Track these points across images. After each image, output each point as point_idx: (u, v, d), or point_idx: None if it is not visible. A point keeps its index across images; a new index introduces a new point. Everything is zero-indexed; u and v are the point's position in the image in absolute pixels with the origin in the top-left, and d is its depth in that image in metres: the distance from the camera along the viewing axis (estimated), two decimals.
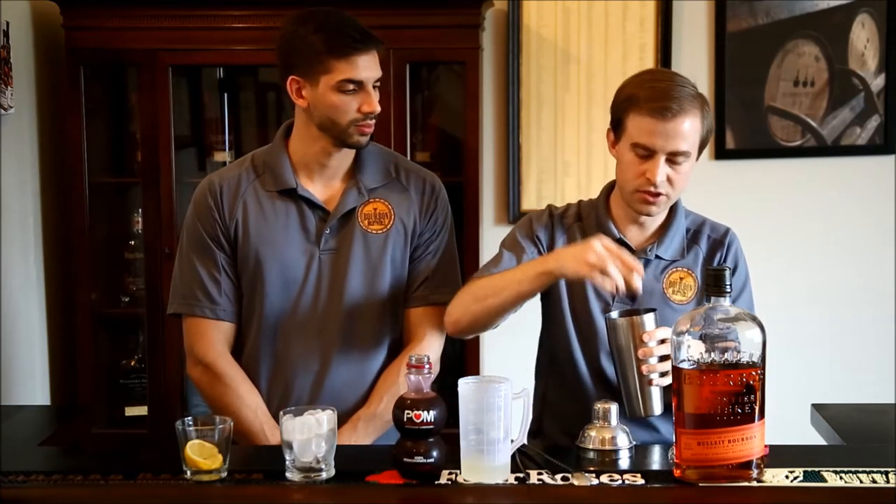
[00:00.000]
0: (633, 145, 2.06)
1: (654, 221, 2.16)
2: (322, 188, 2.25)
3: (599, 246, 1.93)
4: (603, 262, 1.90)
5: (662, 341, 1.95)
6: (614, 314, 2.01)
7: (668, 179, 2.05)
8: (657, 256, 2.15)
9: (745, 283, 2.19)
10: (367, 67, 2.13)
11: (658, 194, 2.06)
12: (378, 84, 2.18)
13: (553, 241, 2.20)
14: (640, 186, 2.07)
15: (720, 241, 2.19)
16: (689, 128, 2.03)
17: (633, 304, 2.07)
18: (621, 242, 2.14)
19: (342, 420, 2.18)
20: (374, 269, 2.24)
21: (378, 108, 2.16)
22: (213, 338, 2.24)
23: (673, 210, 2.18)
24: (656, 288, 2.14)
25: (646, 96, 2.04)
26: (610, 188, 2.21)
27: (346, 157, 2.25)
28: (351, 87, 2.13)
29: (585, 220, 2.20)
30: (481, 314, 2.09)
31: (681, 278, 2.15)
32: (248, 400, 2.21)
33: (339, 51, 2.11)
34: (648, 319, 1.97)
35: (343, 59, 2.11)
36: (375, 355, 2.26)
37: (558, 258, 1.99)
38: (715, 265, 2.16)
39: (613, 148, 2.13)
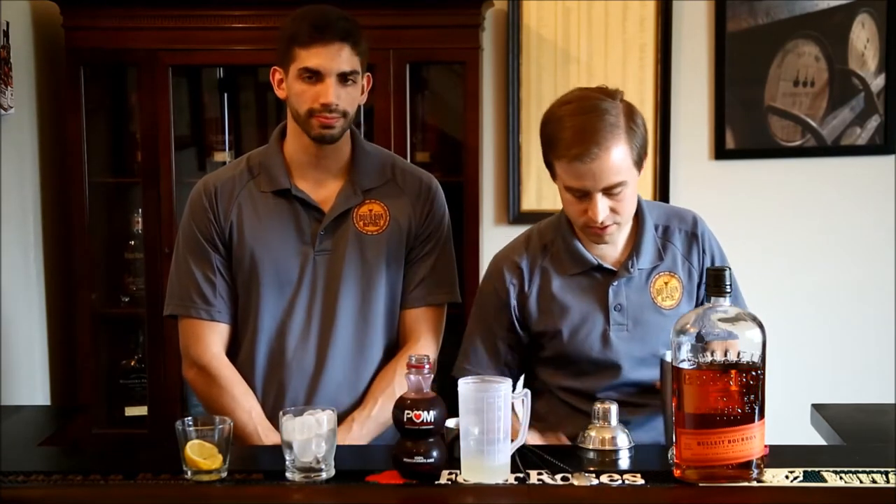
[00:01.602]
0: (566, 188, 2.04)
1: (623, 234, 2.13)
2: (317, 188, 2.24)
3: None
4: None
5: None
6: (667, 356, 2.01)
7: (612, 209, 2.02)
8: (638, 269, 2.13)
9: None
10: (328, 58, 2.11)
11: (607, 226, 2.04)
12: (350, 81, 2.14)
13: (527, 297, 2.16)
14: (586, 223, 2.05)
15: (693, 233, 2.17)
16: (617, 160, 1.97)
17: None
18: (600, 268, 2.12)
19: (338, 421, 2.18)
20: (369, 271, 2.23)
21: (334, 101, 2.11)
22: (209, 339, 2.23)
23: (638, 216, 2.14)
24: (645, 299, 2.12)
25: (565, 140, 1.98)
26: None
27: (339, 156, 2.24)
28: (309, 75, 2.12)
29: (551, 247, 2.16)
30: None
31: (666, 283, 2.14)
32: (243, 401, 2.20)
33: (300, 39, 2.12)
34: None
35: (304, 47, 2.11)
36: (371, 357, 2.26)
37: None
38: (697, 260, 2.15)
39: (555, 181, 2.09)
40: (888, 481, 1.75)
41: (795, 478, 1.76)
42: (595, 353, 2.12)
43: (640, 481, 1.76)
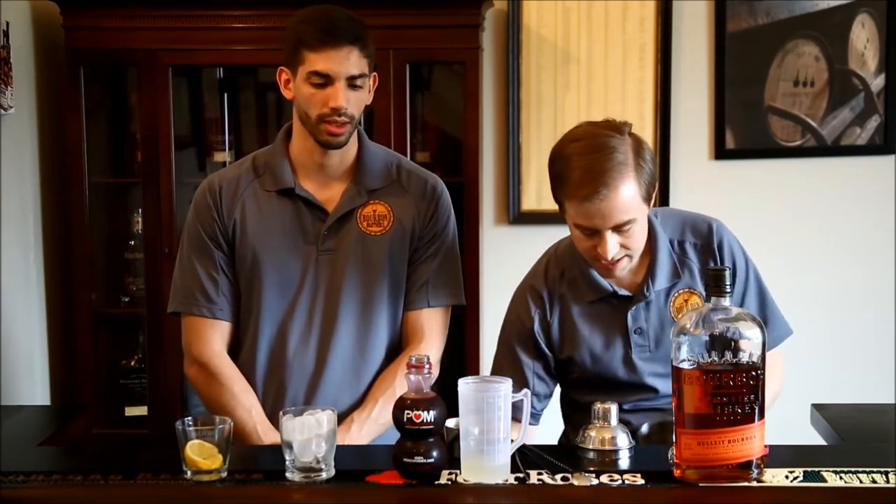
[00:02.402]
0: (575, 225, 2.03)
1: (634, 260, 2.09)
2: (321, 189, 2.24)
3: None
4: None
5: None
6: (644, 429, 2.01)
7: (622, 245, 2.01)
8: (656, 292, 2.12)
9: (747, 277, 2.15)
10: (338, 62, 2.10)
11: (616, 261, 2.03)
12: (358, 84, 2.13)
13: (549, 325, 2.16)
14: (596, 258, 2.04)
15: (707, 245, 2.13)
16: (626, 198, 1.96)
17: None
18: (616, 295, 2.11)
19: (338, 422, 2.18)
20: (372, 271, 2.23)
21: (343, 105, 2.11)
22: (210, 337, 2.24)
23: (652, 237, 2.11)
24: (666, 318, 2.11)
25: (574, 180, 1.96)
26: None
27: (344, 157, 2.24)
28: (319, 79, 2.11)
29: (568, 274, 2.15)
30: None
31: (686, 300, 2.12)
32: (243, 399, 2.20)
33: (310, 42, 2.10)
34: None
35: (314, 51, 2.10)
36: (372, 358, 2.25)
37: None
38: None
39: (564, 216, 2.07)
40: (888, 481, 1.75)
41: (795, 478, 1.76)
42: (620, 375, 2.12)
43: (640, 481, 1.76)
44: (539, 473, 1.79)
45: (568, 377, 2.20)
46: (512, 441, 1.79)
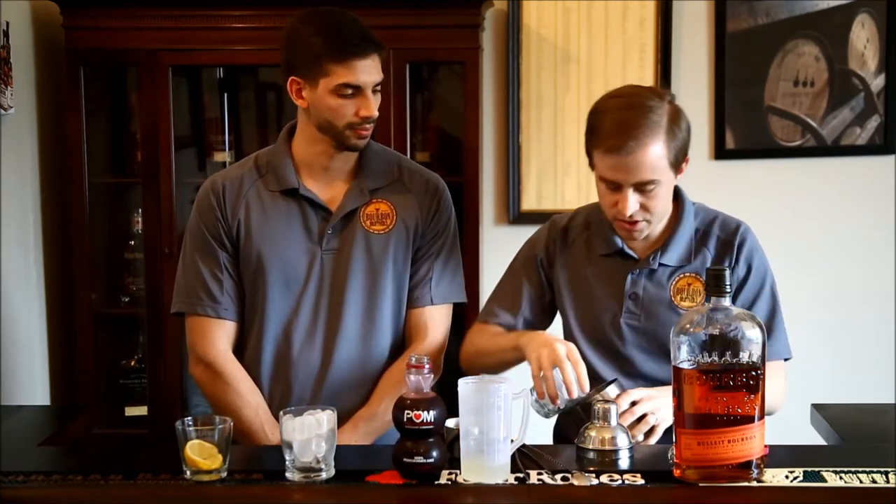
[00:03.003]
0: (600, 178, 2.06)
1: (658, 228, 2.15)
2: (324, 188, 2.25)
3: (561, 350, 1.94)
4: (548, 366, 1.93)
5: (633, 403, 1.96)
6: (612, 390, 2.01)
7: (643, 206, 2.04)
8: (661, 265, 2.14)
9: (762, 285, 2.15)
10: (366, 72, 2.12)
11: (635, 222, 2.06)
12: (378, 88, 2.17)
13: (553, 262, 2.22)
14: (615, 216, 2.07)
15: (729, 241, 2.15)
16: (652, 157, 2.00)
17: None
18: (623, 253, 2.14)
19: (342, 419, 2.19)
20: (376, 270, 2.24)
21: (376, 113, 2.16)
22: (215, 336, 2.24)
23: (677, 214, 2.15)
24: (664, 296, 2.13)
25: (606, 131, 2.01)
26: None
27: (348, 157, 2.25)
28: (349, 91, 2.12)
29: (594, 228, 2.20)
30: (483, 368, 2.13)
31: (689, 284, 2.14)
32: (249, 399, 2.21)
33: (338, 54, 2.10)
34: (611, 391, 1.97)
35: (341, 64, 2.10)
36: (377, 355, 2.27)
37: (530, 340, 2.02)
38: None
39: (593, 171, 2.11)
40: (888, 481, 1.75)
41: (795, 478, 1.76)
42: (604, 335, 2.14)
43: (640, 481, 1.76)
44: (539, 473, 1.79)
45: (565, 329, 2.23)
46: (512, 441, 1.79)
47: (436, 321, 2.29)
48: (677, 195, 2.17)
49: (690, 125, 2.09)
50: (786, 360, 2.18)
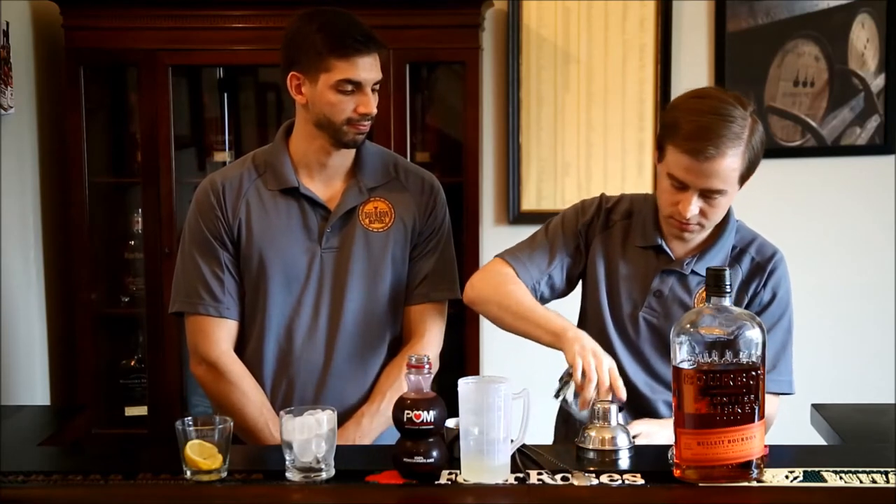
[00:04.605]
0: (668, 174, 2.04)
1: (699, 237, 2.14)
2: (323, 187, 2.26)
3: (606, 364, 1.93)
4: (591, 375, 1.92)
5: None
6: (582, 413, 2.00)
7: (702, 212, 2.04)
8: (693, 272, 2.13)
9: (781, 317, 2.14)
10: (367, 69, 2.14)
11: (690, 224, 2.05)
12: (378, 86, 2.19)
13: (593, 237, 2.19)
14: (672, 214, 2.06)
15: (762, 265, 2.14)
16: (727, 168, 1.99)
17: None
18: (659, 249, 2.14)
19: (345, 417, 2.19)
20: (376, 267, 2.25)
21: (374, 110, 2.17)
22: (217, 336, 2.24)
23: (722, 226, 2.14)
24: (687, 301, 2.12)
25: (687, 131, 1.99)
26: None
27: (346, 156, 2.26)
28: (349, 87, 2.14)
29: (635, 218, 2.19)
30: (496, 320, 2.13)
31: None
32: (252, 397, 2.22)
33: (339, 51, 2.12)
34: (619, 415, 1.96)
35: (343, 59, 2.12)
36: (377, 352, 2.28)
37: (577, 340, 1.98)
38: (754, 290, 2.12)
39: (658, 164, 2.10)
40: (888, 481, 1.75)
41: (795, 478, 1.76)
42: (622, 326, 2.14)
43: (640, 481, 1.76)
44: (539, 473, 1.79)
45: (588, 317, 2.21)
46: (512, 441, 1.79)
47: (433, 319, 2.30)
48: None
49: (765, 139, 2.07)
50: (786, 394, 2.14)
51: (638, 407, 2.11)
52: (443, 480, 1.77)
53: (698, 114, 2.00)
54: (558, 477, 1.78)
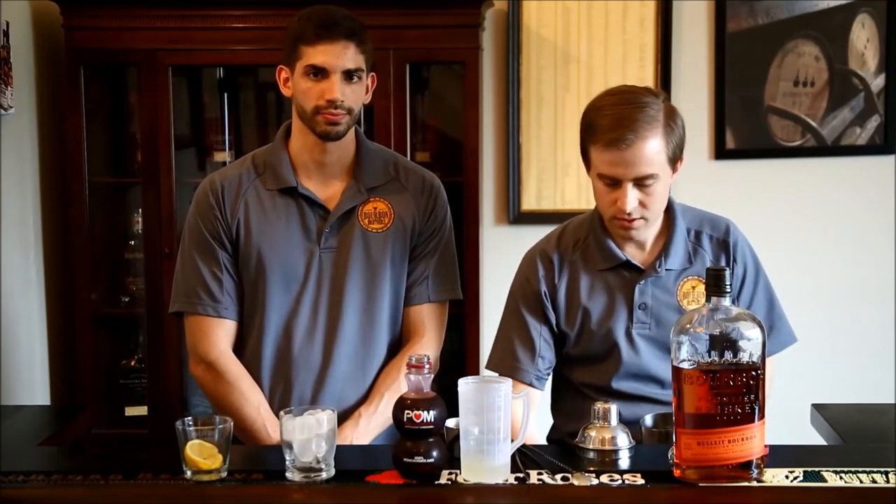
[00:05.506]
0: (598, 175, 2.06)
1: (652, 233, 2.15)
2: (322, 187, 2.26)
3: None
4: None
5: None
6: (648, 420, 2.02)
7: (641, 203, 2.04)
8: (667, 270, 2.13)
9: (757, 281, 2.18)
10: (333, 55, 2.13)
11: (634, 219, 2.06)
12: (355, 79, 2.16)
13: (556, 289, 2.17)
14: (615, 214, 2.07)
15: (724, 241, 2.17)
16: (651, 151, 2.00)
17: None
18: (628, 264, 2.14)
19: (343, 417, 2.19)
20: (374, 268, 2.25)
21: (340, 98, 2.14)
22: (216, 336, 2.24)
23: (669, 217, 2.16)
24: (671, 301, 2.13)
25: (603, 126, 2.02)
26: None
27: (344, 155, 2.26)
28: (314, 73, 2.14)
29: (583, 243, 2.18)
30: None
31: (693, 287, 2.14)
32: (251, 397, 2.22)
33: (306, 37, 2.14)
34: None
35: (309, 45, 2.14)
36: (376, 353, 2.27)
37: None
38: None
39: (588, 173, 2.12)
40: (888, 481, 1.75)
41: (795, 478, 1.76)
42: (617, 349, 2.13)
43: (640, 481, 1.76)
44: (539, 473, 1.79)
45: (563, 350, 2.20)
46: (512, 441, 1.79)
47: (433, 319, 2.30)
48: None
49: (685, 123, 2.09)
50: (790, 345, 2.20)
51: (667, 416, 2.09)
52: (443, 480, 1.77)
53: (611, 107, 2.04)
54: (558, 477, 1.78)
